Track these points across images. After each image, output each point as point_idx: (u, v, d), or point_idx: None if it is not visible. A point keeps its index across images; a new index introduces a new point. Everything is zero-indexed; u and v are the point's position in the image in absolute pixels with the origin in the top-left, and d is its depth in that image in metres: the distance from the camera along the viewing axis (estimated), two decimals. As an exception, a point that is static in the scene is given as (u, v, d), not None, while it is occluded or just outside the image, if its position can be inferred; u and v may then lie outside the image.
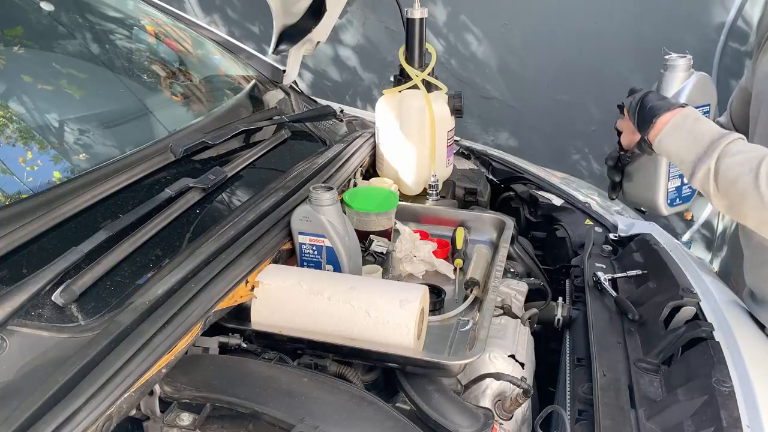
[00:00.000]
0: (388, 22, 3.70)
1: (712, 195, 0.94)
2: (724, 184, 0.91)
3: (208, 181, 1.14)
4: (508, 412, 1.01)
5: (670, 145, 0.99)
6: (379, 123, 1.63)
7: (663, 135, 1.00)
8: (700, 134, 0.95)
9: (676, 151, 0.98)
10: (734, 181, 0.89)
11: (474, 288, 1.22)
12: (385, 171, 1.66)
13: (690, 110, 1.00)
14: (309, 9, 1.69)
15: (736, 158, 0.89)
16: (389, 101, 1.60)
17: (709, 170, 0.92)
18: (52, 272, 0.82)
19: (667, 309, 1.14)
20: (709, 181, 0.92)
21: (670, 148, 0.99)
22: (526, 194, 1.75)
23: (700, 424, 0.87)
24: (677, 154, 0.98)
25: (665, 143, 1.00)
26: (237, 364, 0.93)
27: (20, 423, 0.64)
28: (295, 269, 1.12)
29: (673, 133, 0.98)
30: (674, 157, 1.00)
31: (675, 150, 0.98)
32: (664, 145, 1.00)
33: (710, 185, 0.92)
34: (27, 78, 1.23)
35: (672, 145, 0.98)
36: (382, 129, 1.63)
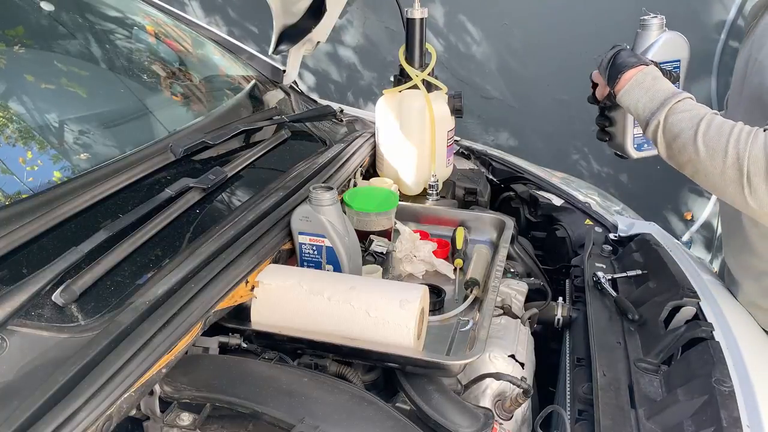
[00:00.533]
0: (388, 22, 3.70)
1: (659, 145, 1.07)
2: (669, 137, 1.04)
3: (208, 181, 1.14)
4: (508, 412, 1.01)
5: (630, 99, 1.11)
6: (379, 123, 1.63)
7: (624, 90, 1.11)
8: (655, 92, 1.08)
9: (634, 106, 1.10)
10: (677, 135, 1.03)
11: (474, 288, 1.22)
12: (385, 171, 1.66)
13: (651, 69, 1.11)
14: (309, 9, 1.69)
15: (682, 115, 1.03)
16: (389, 101, 1.60)
17: (659, 124, 1.05)
18: (52, 272, 0.82)
19: (667, 309, 1.14)
20: (657, 134, 1.06)
21: (630, 102, 1.11)
22: (526, 194, 1.75)
23: (700, 424, 0.87)
24: (635, 108, 1.10)
25: (626, 98, 1.12)
26: (237, 364, 0.93)
27: (20, 423, 0.64)
28: (295, 269, 1.12)
29: (632, 89, 1.10)
30: (632, 110, 1.12)
31: (633, 104, 1.10)
32: (625, 100, 1.12)
33: (659, 137, 1.06)
34: (27, 78, 1.23)
35: (631, 100, 1.10)
36: (382, 129, 1.63)
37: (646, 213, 1.87)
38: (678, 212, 3.47)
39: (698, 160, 1.00)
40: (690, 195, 3.38)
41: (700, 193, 3.33)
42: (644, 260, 1.35)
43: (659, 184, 3.31)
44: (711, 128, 0.99)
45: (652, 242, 1.39)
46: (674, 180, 3.32)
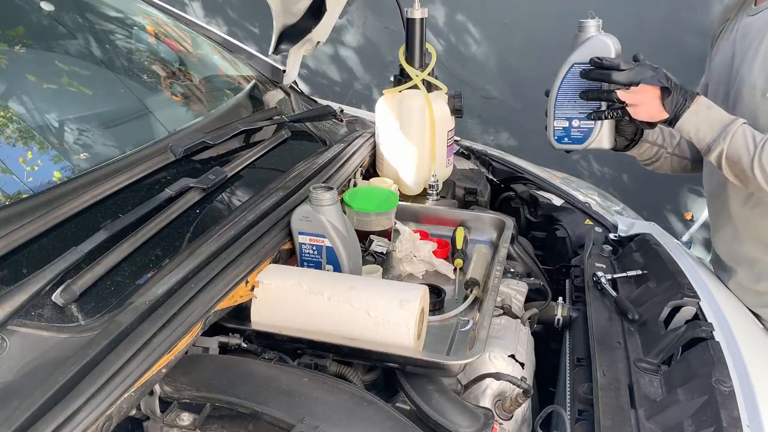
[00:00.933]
0: (388, 22, 3.70)
1: (723, 168, 1.17)
2: (730, 162, 1.15)
3: (208, 181, 1.14)
4: (508, 412, 1.01)
5: (690, 127, 1.18)
6: (379, 123, 1.63)
7: (684, 120, 1.18)
8: (713, 119, 1.16)
9: (695, 133, 1.17)
10: (737, 161, 1.14)
11: (474, 288, 1.22)
12: (385, 171, 1.65)
13: (702, 98, 1.19)
14: (309, 9, 1.69)
15: (741, 142, 1.13)
16: (389, 101, 1.60)
17: (722, 151, 1.15)
18: (52, 272, 0.82)
19: (667, 309, 1.14)
20: (721, 160, 1.16)
21: (690, 128, 1.18)
22: (526, 194, 1.75)
23: (700, 424, 0.87)
24: (696, 135, 1.18)
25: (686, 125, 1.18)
26: (237, 364, 0.93)
27: (20, 423, 0.64)
28: (295, 269, 1.12)
29: (690, 121, 1.17)
30: (693, 137, 1.19)
31: (694, 132, 1.17)
32: (685, 127, 1.18)
33: (723, 163, 1.16)
34: (27, 78, 1.23)
35: (692, 128, 1.17)
36: (382, 129, 1.63)
37: (646, 213, 1.87)
38: (678, 212, 3.47)
39: (757, 182, 1.12)
40: (690, 195, 3.38)
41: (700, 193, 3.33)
42: (644, 260, 1.35)
43: (659, 184, 3.31)
44: (764, 154, 1.10)
45: (652, 242, 1.39)
46: (674, 180, 3.32)
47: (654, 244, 1.38)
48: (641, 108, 1.19)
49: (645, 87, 1.17)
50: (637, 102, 1.18)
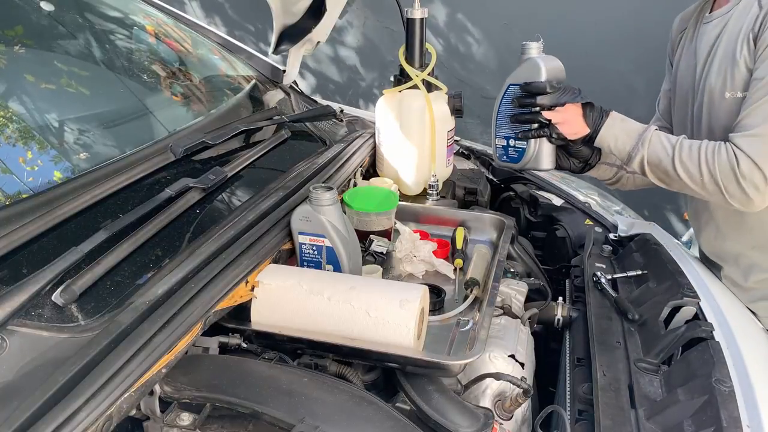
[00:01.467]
0: (388, 22, 3.71)
1: (648, 174, 1.26)
2: (652, 166, 1.24)
3: (208, 181, 1.14)
4: (508, 412, 1.01)
5: (609, 140, 1.27)
6: (379, 123, 1.63)
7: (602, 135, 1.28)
8: (629, 130, 1.26)
9: (614, 144, 1.27)
10: (658, 164, 1.23)
11: (474, 288, 1.22)
12: (385, 171, 1.65)
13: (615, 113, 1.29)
14: (309, 9, 1.69)
15: (658, 146, 1.23)
16: (389, 101, 1.60)
17: (643, 157, 1.24)
18: (52, 272, 0.82)
19: (667, 309, 1.14)
20: (644, 165, 1.25)
21: (610, 141, 1.27)
22: (526, 194, 1.75)
23: (700, 424, 0.87)
24: (615, 146, 1.27)
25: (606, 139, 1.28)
26: (237, 364, 0.93)
27: (20, 423, 0.64)
28: (295, 269, 1.12)
29: (609, 134, 1.27)
30: (613, 148, 1.27)
31: (614, 143, 1.27)
32: (605, 140, 1.28)
33: (646, 169, 1.25)
34: (27, 78, 1.23)
35: (611, 140, 1.27)
36: (382, 129, 1.63)
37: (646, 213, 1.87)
38: (678, 212, 3.47)
39: (681, 181, 1.21)
40: (690, 195, 3.38)
41: None
42: (644, 260, 1.35)
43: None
44: (683, 153, 1.19)
45: (652, 242, 1.39)
46: (674, 180, 3.32)
47: (654, 244, 1.38)
48: (567, 125, 1.28)
49: (569, 106, 1.27)
50: (562, 120, 1.27)
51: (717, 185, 1.16)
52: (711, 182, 1.16)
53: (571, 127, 1.28)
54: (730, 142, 1.16)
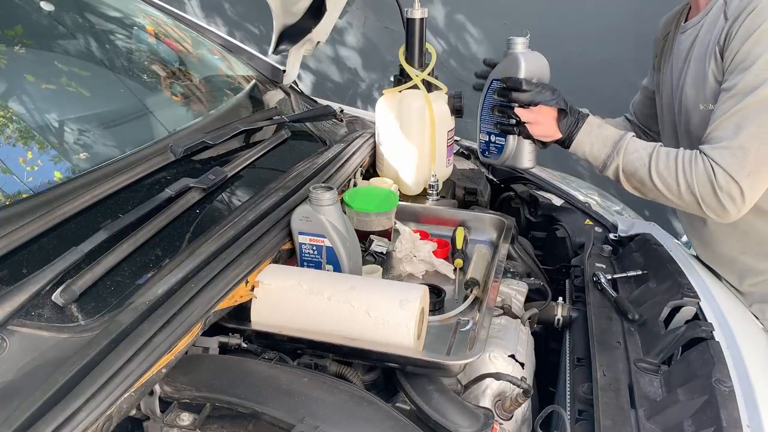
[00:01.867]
0: (388, 22, 3.71)
1: (622, 181, 1.25)
2: (628, 174, 1.24)
3: (208, 181, 1.14)
4: (508, 412, 1.01)
5: (583, 146, 1.27)
6: (379, 123, 1.63)
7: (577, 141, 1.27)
8: (605, 138, 1.25)
9: (589, 151, 1.26)
10: (634, 172, 1.22)
11: (474, 288, 1.22)
12: (385, 171, 1.65)
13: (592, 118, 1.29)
14: (309, 9, 1.69)
15: (635, 155, 1.22)
16: (389, 101, 1.60)
17: (618, 167, 1.24)
18: (52, 272, 0.82)
19: (667, 309, 1.14)
20: (619, 173, 1.24)
21: (584, 148, 1.27)
22: (526, 194, 1.75)
23: (700, 424, 0.87)
24: (590, 152, 1.26)
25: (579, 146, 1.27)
26: (237, 364, 0.93)
27: (20, 423, 0.64)
28: (295, 269, 1.12)
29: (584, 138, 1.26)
30: (588, 155, 1.27)
31: (589, 149, 1.26)
32: (580, 146, 1.27)
33: (620, 176, 1.24)
34: (27, 78, 1.23)
35: (586, 146, 1.26)
36: (382, 129, 1.63)
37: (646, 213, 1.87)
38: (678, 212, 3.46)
39: (657, 191, 1.21)
40: (690, 195, 3.38)
41: None
42: (644, 260, 1.35)
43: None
44: (660, 163, 1.19)
45: (652, 242, 1.39)
46: (674, 180, 3.32)
47: (654, 244, 1.38)
48: (537, 126, 1.27)
49: (543, 107, 1.26)
50: (533, 120, 1.27)
51: (694, 195, 1.16)
52: (688, 192, 1.16)
53: (541, 129, 1.28)
54: (702, 153, 1.16)
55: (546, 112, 1.26)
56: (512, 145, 1.35)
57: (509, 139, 1.34)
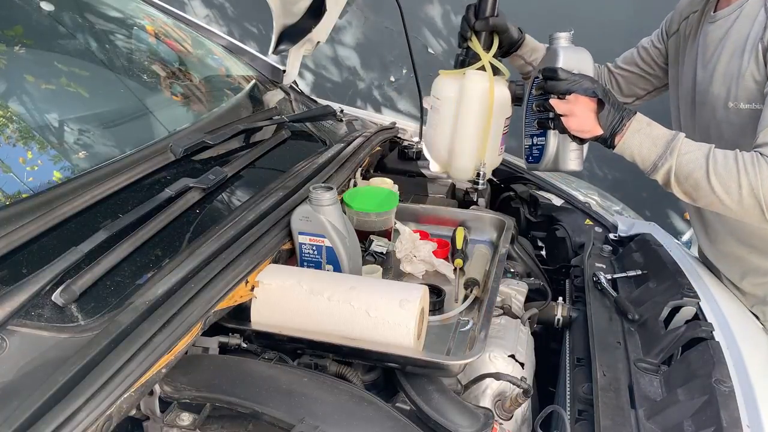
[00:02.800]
0: (388, 22, 3.71)
1: (672, 185, 1.14)
2: (681, 177, 1.12)
3: (208, 181, 1.14)
4: (508, 412, 1.01)
5: (631, 145, 1.15)
6: (434, 102, 1.47)
7: (625, 140, 1.15)
8: (655, 137, 1.14)
9: (638, 150, 1.15)
10: (689, 174, 1.11)
11: (474, 288, 1.22)
12: (434, 155, 1.51)
13: (640, 115, 1.17)
14: (309, 9, 1.69)
15: (688, 156, 1.10)
16: (451, 81, 1.44)
17: (671, 168, 1.12)
18: (52, 272, 0.82)
19: (667, 309, 1.14)
20: (670, 175, 1.13)
21: (633, 149, 1.15)
22: (526, 194, 1.75)
23: (700, 424, 0.87)
24: (639, 153, 1.15)
25: (627, 145, 1.15)
26: (237, 364, 0.93)
27: (20, 423, 0.64)
28: (295, 269, 1.12)
29: (633, 136, 1.14)
30: (636, 156, 1.16)
31: (638, 149, 1.15)
32: (627, 146, 1.15)
33: (671, 178, 1.13)
34: (27, 78, 1.23)
35: (634, 146, 1.15)
36: (438, 109, 1.46)
37: (646, 213, 1.87)
38: (678, 212, 3.47)
39: (713, 195, 1.08)
40: (690, 195, 3.38)
41: None
42: (644, 260, 1.35)
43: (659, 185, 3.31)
44: (718, 164, 1.07)
45: (652, 242, 1.39)
46: (674, 180, 3.32)
47: (654, 244, 1.38)
48: (573, 119, 1.16)
49: (579, 97, 1.15)
50: (568, 112, 1.16)
51: (756, 199, 1.05)
52: (750, 196, 1.05)
53: (578, 122, 1.16)
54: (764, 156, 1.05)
55: (583, 102, 1.15)
56: (552, 145, 1.25)
57: (549, 138, 1.24)
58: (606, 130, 1.15)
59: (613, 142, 1.15)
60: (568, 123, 1.17)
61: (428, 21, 3.67)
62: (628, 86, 1.57)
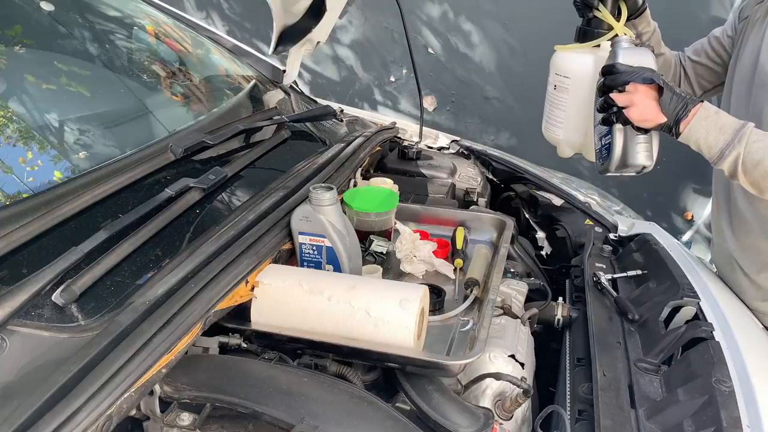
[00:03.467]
0: (388, 21, 3.71)
1: (740, 174, 1.11)
2: (750, 165, 1.09)
3: (208, 181, 1.14)
4: (508, 412, 1.01)
5: (697, 133, 1.12)
6: (561, 81, 1.35)
7: (692, 126, 1.12)
8: (723, 125, 1.11)
9: (705, 138, 1.12)
10: (759, 161, 1.07)
11: (474, 288, 1.22)
12: (565, 138, 1.38)
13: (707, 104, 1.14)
14: (309, 9, 1.69)
15: (759, 144, 1.08)
16: (580, 56, 1.32)
17: (739, 155, 1.09)
18: (52, 272, 0.82)
19: (667, 309, 1.14)
20: (738, 163, 1.09)
21: (698, 135, 1.12)
22: (526, 194, 1.75)
23: (700, 424, 0.87)
24: (706, 141, 1.12)
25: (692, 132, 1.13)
26: (237, 364, 0.93)
27: (20, 423, 0.64)
28: (295, 269, 1.12)
29: (699, 123, 1.12)
30: (702, 144, 1.13)
31: (704, 137, 1.12)
32: (693, 133, 1.13)
33: (739, 166, 1.10)
34: (27, 78, 1.23)
35: (700, 133, 1.12)
36: (568, 88, 1.33)
37: (646, 213, 1.87)
38: (678, 212, 3.47)
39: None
40: (690, 195, 3.38)
41: (701, 193, 3.34)
42: (644, 260, 1.35)
43: (659, 184, 3.31)
44: None
45: (652, 242, 1.39)
46: (674, 180, 3.32)
47: (654, 244, 1.38)
48: (635, 109, 1.14)
49: (638, 86, 1.13)
50: (628, 103, 1.14)
51: None
52: None
53: (639, 111, 1.13)
54: None
55: (642, 91, 1.13)
56: (619, 142, 1.20)
57: (615, 135, 1.20)
58: (670, 117, 1.12)
59: (678, 130, 1.13)
60: (630, 114, 1.14)
61: (428, 21, 3.67)
62: (696, 78, 1.50)
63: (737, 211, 1.34)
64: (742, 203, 1.32)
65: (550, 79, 1.38)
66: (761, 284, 1.34)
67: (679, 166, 3.25)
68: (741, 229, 1.35)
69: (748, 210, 1.31)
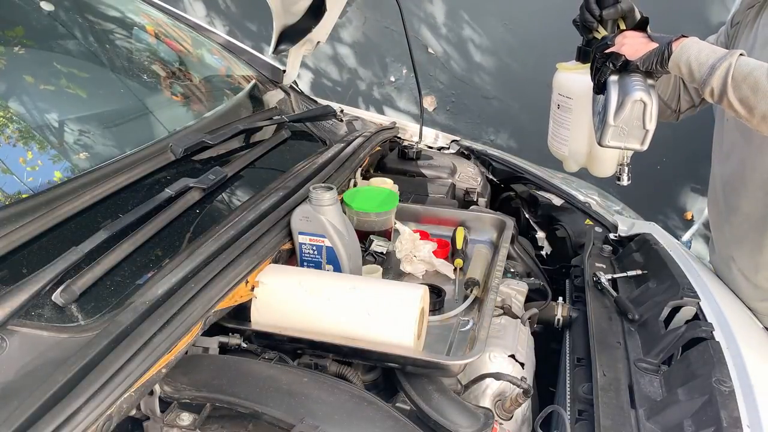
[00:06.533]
0: (388, 21, 3.71)
1: (729, 87, 1.07)
2: (740, 77, 1.05)
3: (208, 181, 1.14)
4: (508, 412, 1.01)
5: (690, 52, 1.11)
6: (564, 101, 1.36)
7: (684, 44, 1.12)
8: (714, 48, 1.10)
9: (696, 55, 1.10)
10: (749, 73, 1.04)
11: (474, 288, 1.22)
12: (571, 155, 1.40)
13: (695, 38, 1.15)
14: (309, 9, 1.69)
15: (748, 59, 1.06)
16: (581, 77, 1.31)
17: (730, 66, 1.06)
18: (52, 272, 0.82)
19: (667, 309, 1.14)
20: (728, 76, 1.06)
21: (690, 53, 1.11)
22: (526, 194, 1.75)
23: (700, 424, 0.87)
24: (696, 57, 1.10)
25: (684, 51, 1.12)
26: (237, 364, 0.93)
27: (20, 423, 0.64)
28: (295, 269, 1.12)
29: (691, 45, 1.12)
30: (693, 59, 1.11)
31: (695, 54, 1.10)
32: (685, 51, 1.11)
33: (728, 79, 1.06)
34: (27, 78, 1.23)
35: (692, 51, 1.11)
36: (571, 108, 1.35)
37: (646, 213, 1.87)
38: (678, 212, 3.47)
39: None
40: (690, 195, 3.38)
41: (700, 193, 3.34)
42: (644, 260, 1.35)
43: (659, 184, 3.31)
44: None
45: (652, 242, 1.39)
46: (674, 180, 3.32)
47: (654, 244, 1.38)
48: (625, 47, 1.16)
49: (625, 32, 1.19)
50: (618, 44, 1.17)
51: None
52: None
53: (630, 45, 1.15)
54: None
55: (630, 33, 1.17)
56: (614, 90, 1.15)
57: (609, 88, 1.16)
58: (661, 42, 1.14)
59: (670, 50, 1.13)
60: (623, 50, 1.15)
61: (428, 21, 3.67)
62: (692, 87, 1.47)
63: (734, 211, 1.35)
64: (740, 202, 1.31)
65: (553, 98, 1.39)
66: (759, 284, 1.34)
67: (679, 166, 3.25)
68: (738, 228, 1.35)
69: (745, 209, 1.31)
